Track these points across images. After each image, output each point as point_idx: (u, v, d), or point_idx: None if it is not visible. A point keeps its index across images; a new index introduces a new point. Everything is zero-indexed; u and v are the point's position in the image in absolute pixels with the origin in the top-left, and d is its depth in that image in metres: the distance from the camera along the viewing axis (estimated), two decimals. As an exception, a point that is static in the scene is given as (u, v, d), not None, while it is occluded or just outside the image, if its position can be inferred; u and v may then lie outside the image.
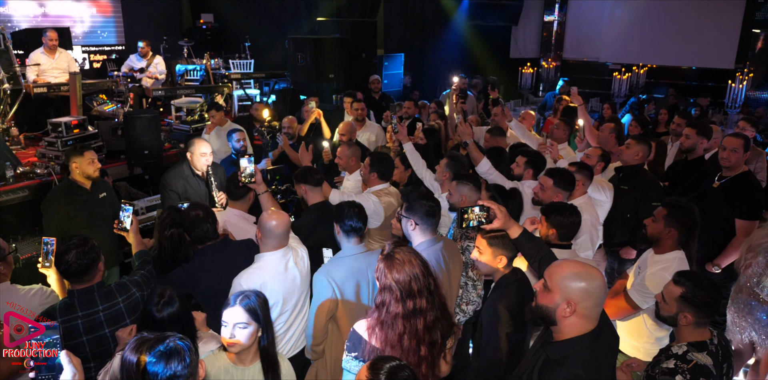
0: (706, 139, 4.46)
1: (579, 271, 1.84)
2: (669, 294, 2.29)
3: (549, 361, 1.86)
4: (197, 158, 4.21)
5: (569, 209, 2.93)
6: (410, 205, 2.80)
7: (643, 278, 2.74)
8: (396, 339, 2.10)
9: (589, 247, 3.45)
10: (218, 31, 10.57)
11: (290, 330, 2.86)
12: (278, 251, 2.75)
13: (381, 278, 2.15)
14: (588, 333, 1.84)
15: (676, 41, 11.63)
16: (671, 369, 2.16)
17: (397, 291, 2.11)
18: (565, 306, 1.82)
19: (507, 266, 2.60)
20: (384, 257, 2.17)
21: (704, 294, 2.22)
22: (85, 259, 2.42)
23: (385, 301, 2.13)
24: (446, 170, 3.88)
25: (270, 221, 2.70)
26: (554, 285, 1.85)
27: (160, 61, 8.34)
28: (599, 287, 1.82)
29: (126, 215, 3.02)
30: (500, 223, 2.30)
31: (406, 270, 2.12)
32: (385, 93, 8.17)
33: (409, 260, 2.15)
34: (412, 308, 2.11)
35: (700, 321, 2.25)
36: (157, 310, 2.11)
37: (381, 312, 2.13)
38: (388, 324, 2.11)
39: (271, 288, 2.67)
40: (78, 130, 5.68)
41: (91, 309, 2.44)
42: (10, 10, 8.60)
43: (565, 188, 3.39)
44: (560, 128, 5.16)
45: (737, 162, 3.80)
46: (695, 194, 4.00)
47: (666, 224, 2.76)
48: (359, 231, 2.81)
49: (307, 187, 3.53)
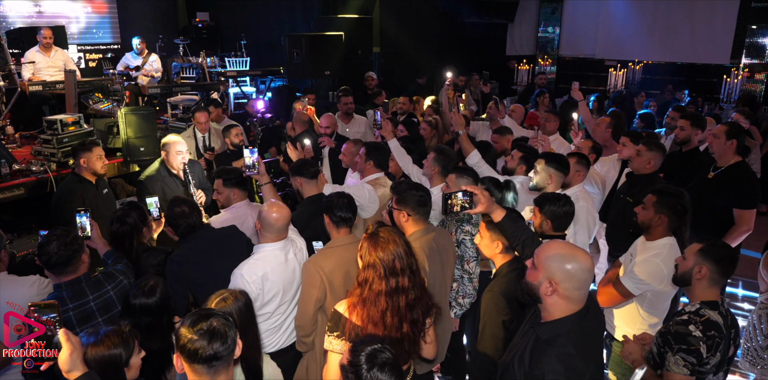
0: (701, 130, 4.49)
1: (565, 252, 1.87)
2: (689, 250, 2.36)
3: (540, 341, 1.88)
4: (173, 156, 4.20)
5: (563, 198, 2.94)
6: (401, 196, 2.81)
7: (635, 264, 2.75)
8: (378, 316, 2.14)
9: (585, 233, 3.46)
10: (214, 30, 10.54)
11: (287, 321, 2.86)
12: (279, 242, 2.77)
13: (365, 255, 2.19)
14: (575, 313, 1.87)
15: (671, 37, 11.65)
16: (685, 320, 2.23)
17: (381, 269, 2.15)
18: (548, 285, 1.85)
19: (506, 253, 2.61)
20: (369, 236, 2.21)
21: (722, 250, 2.31)
22: (67, 250, 2.42)
23: (368, 279, 2.17)
24: (434, 164, 3.88)
25: (271, 214, 2.72)
26: (539, 263, 1.89)
27: (155, 59, 8.33)
28: (583, 270, 1.85)
29: (83, 221, 2.93)
30: (483, 207, 2.34)
31: (391, 249, 2.16)
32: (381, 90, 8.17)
33: (394, 239, 2.20)
34: (395, 285, 2.16)
35: (715, 276, 2.28)
36: (133, 297, 2.15)
37: (363, 289, 2.16)
38: (370, 300, 2.15)
39: (272, 279, 2.69)
40: (73, 127, 5.67)
41: (81, 300, 2.44)
42: (4, 9, 8.58)
43: (557, 169, 3.41)
44: (550, 120, 5.18)
45: (720, 149, 3.81)
46: (691, 185, 4.02)
47: (656, 210, 2.78)
48: (348, 221, 2.83)
49: (303, 179, 3.54)
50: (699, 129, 4.45)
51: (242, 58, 8.95)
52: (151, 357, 2.12)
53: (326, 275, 2.68)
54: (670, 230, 2.80)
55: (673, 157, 4.65)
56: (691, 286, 2.34)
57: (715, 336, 2.19)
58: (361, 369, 1.67)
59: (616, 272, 3.00)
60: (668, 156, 4.81)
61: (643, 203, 2.85)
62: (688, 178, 4.22)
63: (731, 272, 2.36)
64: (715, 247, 2.32)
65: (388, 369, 1.68)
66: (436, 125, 5.77)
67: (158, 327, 2.19)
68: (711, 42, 11.23)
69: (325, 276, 2.67)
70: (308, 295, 2.68)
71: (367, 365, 1.67)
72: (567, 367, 1.77)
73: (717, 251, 2.30)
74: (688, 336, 2.18)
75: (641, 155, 3.82)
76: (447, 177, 3.53)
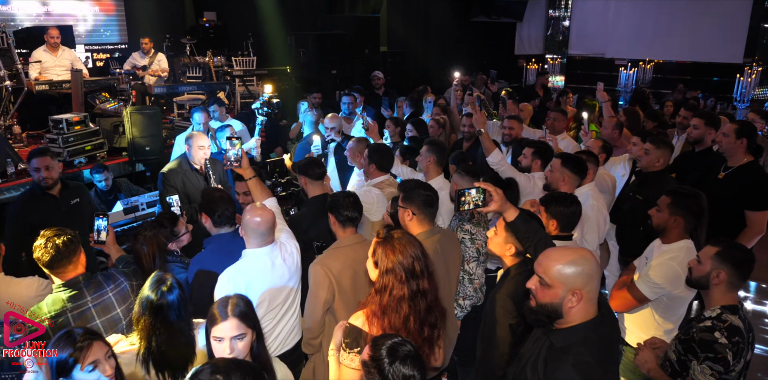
0: (714, 129, 4.37)
1: (573, 258, 1.79)
2: (704, 254, 2.29)
3: (554, 349, 1.80)
4: (195, 150, 4.18)
5: (569, 198, 2.86)
6: (407, 194, 2.74)
7: (650, 268, 2.66)
8: (401, 322, 2.06)
9: (595, 232, 3.39)
10: (221, 29, 10.54)
11: (277, 327, 2.75)
12: (264, 247, 2.62)
13: (382, 260, 2.10)
14: (591, 319, 1.79)
15: (682, 36, 11.50)
16: (709, 327, 2.16)
17: (402, 273, 2.07)
18: (571, 297, 1.76)
19: (516, 256, 2.54)
20: (383, 241, 2.12)
21: (740, 253, 2.24)
22: (67, 247, 2.38)
23: (387, 285, 2.08)
24: (429, 155, 3.84)
25: (253, 219, 2.55)
26: (553, 280, 1.78)
27: (162, 59, 8.33)
28: (596, 266, 1.79)
29: (101, 226, 2.87)
30: (496, 206, 2.26)
31: (408, 251, 2.09)
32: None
33: (409, 241, 2.13)
34: (416, 289, 2.09)
35: (733, 281, 2.23)
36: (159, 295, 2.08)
37: (383, 296, 2.08)
38: (392, 307, 2.06)
39: (256, 286, 2.57)
40: (79, 127, 5.67)
41: (79, 301, 2.40)
42: (13, 8, 8.61)
43: (573, 171, 3.34)
44: (558, 119, 5.10)
45: (730, 148, 3.71)
46: (704, 186, 3.92)
47: (671, 212, 2.69)
48: (354, 221, 2.76)
49: (308, 179, 3.47)
50: (713, 128, 4.32)
51: (249, 58, 8.92)
52: (178, 354, 2.10)
53: (335, 277, 2.61)
54: (686, 232, 2.72)
55: (686, 157, 4.55)
56: (709, 290, 2.27)
57: (740, 341, 2.13)
58: (383, 363, 1.62)
59: (630, 276, 2.91)
60: (681, 156, 4.72)
61: (657, 204, 2.76)
62: (702, 179, 4.12)
63: (749, 275, 2.29)
64: (732, 250, 2.25)
65: (411, 361, 1.63)
66: (444, 124, 5.70)
67: (185, 320, 2.15)
68: (723, 40, 11.06)
69: (334, 277, 2.60)
70: (316, 297, 2.61)
71: (389, 358, 1.62)
72: (584, 376, 1.69)
73: (735, 255, 2.23)
74: (714, 344, 2.11)
75: (649, 154, 3.73)
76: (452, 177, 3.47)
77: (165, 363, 2.10)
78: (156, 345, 2.08)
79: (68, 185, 3.73)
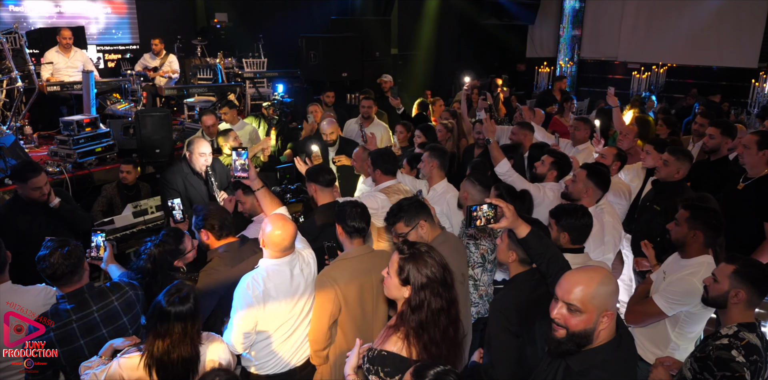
0: (731, 138, 4.30)
1: (599, 279, 1.74)
2: (721, 272, 2.25)
3: (571, 372, 1.75)
4: (196, 157, 4.14)
5: (580, 210, 2.81)
6: (407, 215, 2.75)
7: (669, 283, 2.61)
8: (440, 335, 2.03)
9: (611, 251, 3.34)
10: (232, 31, 10.55)
11: (293, 337, 2.70)
12: (284, 258, 2.59)
13: (414, 277, 2.03)
14: (608, 342, 1.75)
15: (696, 40, 11.34)
16: (726, 345, 2.12)
17: (437, 286, 2.03)
18: (603, 319, 1.73)
19: (521, 264, 2.50)
20: (409, 256, 2.06)
21: (758, 271, 2.20)
22: (72, 258, 2.36)
23: (423, 300, 2.02)
24: (431, 159, 3.83)
25: (275, 232, 2.50)
26: (586, 305, 1.71)
27: (173, 60, 8.33)
28: (614, 281, 1.78)
29: (98, 241, 2.80)
30: (508, 222, 2.22)
31: (437, 262, 2.06)
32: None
33: (435, 253, 2.10)
34: (449, 299, 2.07)
35: (752, 299, 2.19)
36: (168, 304, 2.07)
37: (421, 313, 2.02)
38: (432, 322, 2.02)
39: (274, 296, 2.55)
40: (90, 128, 5.68)
41: (84, 311, 2.38)
42: (25, 9, 8.67)
43: (597, 184, 3.30)
44: (579, 128, 5.02)
45: (752, 160, 3.65)
46: (719, 196, 3.85)
47: (690, 226, 2.63)
48: (362, 232, 2.73)
49: (318, 187, 3.44)
50: (729, 138, 4.26)
51: (260, 60, 8.93)
52: (181, 364, 2.09)
53: (341, 289, 2.58)
54: (706, 246, 2.66)
55: (701, 166, 4.47)
56: (727, 309, 2.23)
57: (757, 360, 2.08)
58: None
59: (646, 288, 2.85)
60: (696, 165, 4.64)
61: (676, 219, 2.71)
62: (717, 188, 4.05)
63: (767, 293, 2.24)
64: (750, 268, 2.21)
65: None
66: (452, 128, 5.64)
67: (189, 334, 2.12)
68: (738, 45, 10.90)
69: (340, 290, 2.58)
70: (322, 309, 2.58)
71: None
72: None
73: (753, 273, 2.18)
74: (732, 362, 2.06)
75: (668, 165, 3.65)
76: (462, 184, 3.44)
77: (167, 370, 2.08)
78: (160, 351, 2.07)
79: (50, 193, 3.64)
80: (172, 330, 2.08)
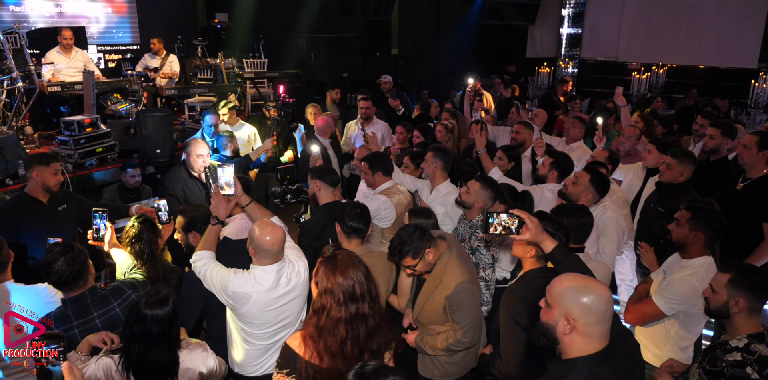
0: (731, 139, 4.32)
1: (578, 284, 1.73)
2: (717, 282, 2.23)
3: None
4: (194, 159, 4.14)
5: (581, 210, 2.83)
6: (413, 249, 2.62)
7: (669, 283, 2.61)
8: (337, 346, 1.99)
9: (613, 244, 3.36)
10: (233, 31, 10.55)
11: (275, 345, 2.64)
12: (272, 266, 2.53)
13: (322, 280, 2.04)
14: (593, 354, 1.70)
15: (696, 40, 11.36)
16: (740, 361, 2.09)
17: (340, 295, 2.00)
18: (565, 323, 1.70)
19: (537, 261, 2.50)
20: (325, 260, 2.07)
21: (753, 277, 2.17)
22: (76, 264, 2.36)
23: (325, 305, 2.01)
24: (435, 160, 3.86)
25: (264, 237, 2.44)
26: (552, 300, 1.75)
27: (174, 60, 8.33)
28: (601, 302, 1.69)
29: (101, 223, 2.74)
30: (531, 235, 2.12)
31: (350, 273, 2.02)
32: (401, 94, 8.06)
33: (352, 262, 2.05)
34: (355, 312, 2.01)
35: (753, 306, 2.16)
36: (145, 305, 2.06)
37: (320, 317, 2.00)
38: (328, 329, 1.99)
39: (258, 303, 2.51)
40: (90, 129, 5.68)
41: (86, 317, 2.38)
42: (26, 9, 8.67)
43: (597, 190, 3.32)
44: (575, 126, 5.04)
45: (752, 160, 3.67)
46: (719, 196, 3.86)
47: (691, 227, 2.64)
48: (360, 232, 2.75)
49: (322, 184, 3.46)
50: (729, 138, 4.28)
51: (260, 60, 8.93)
52: (157, 369, 2.08)
53: None
54: (707, 247, 2.66)
55: (701, 166, 4.47)
56: (731, 319, 2.20)
57: None
58: None
59: (646, 288, 2.86)
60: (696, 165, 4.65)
61: (677, 219, 2.71)
62: (716, 188, 4.06)
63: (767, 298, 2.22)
64: (745, 274, 2.18)
65: None
66: (452, 129, 5.65)
67: (167, 338, 2.11)
68: (738, 45, 10.92)
69: None
70: None
71: None
72: None
73: (749, 280, 2.16)
74: None
75: (672, 169, 3.62)
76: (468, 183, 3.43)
77: (143, 374, 2.08)
78: (136, 354, 2.06)
79: (56, 193, 3.66)
80: (149, 333, 2.07)
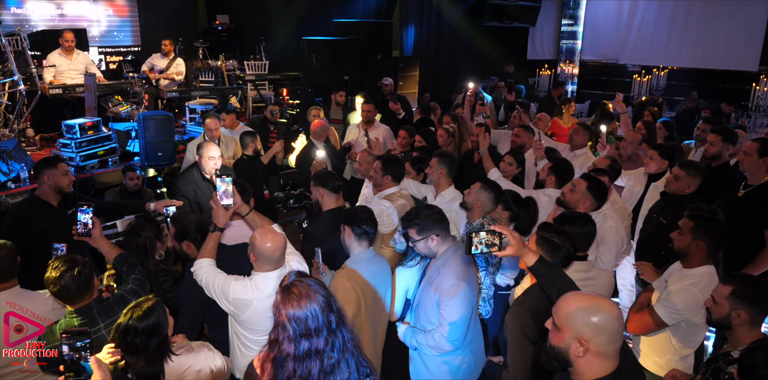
0: (732, 145, 4.32)
1: (586, 304, 1.68)
2: (719, 294, 2.23)
3: None
4: (205, 161, 4.20)
5: (584, 218, 2.83)
6: (421, 225, 2.67)
7: (670, 293, 2.61)
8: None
9: (612, 253, 3.36)
10: (234, 33, 10.55)
11: None
12: (273, 272, 2.55)
13: (275, 313, 1.89)
14: (608, 375, 1.68)
15: (697, 43, 11.36)
16: None
17: (290, 330, 1.84)
18: (578, 345, 1.65)
19: None
20: (281, 290, 1.91)
21: (755, 289, 2.17)
22: (81, 278, 2.35)
23: (277, 338, 1.87)
24: (440, 167, 3.86)
25: (265, 245, 2.45)
26: (562, 323, 1.69)
27: (180, 63, 8.23)
28: (612, 319, 1.65)
29: (85, 217, 2.72)
30: (513, 250, 2.13)
31: (303, 305, 1.84)
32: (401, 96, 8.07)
33: (308, 294, 1.86)
34: (307, 349, 1.84)
35: (755, 318, 2.17)
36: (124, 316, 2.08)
37: (271, 349, 1.89)
38: (278, 362, 1.87)
39: (258, 310, 2.51)
40: (92, 131, 5.68)
41: (92, 328, 2.36)
42: (27, 11, 8.68)
43: (595, 197, 3.31)
44: (579, 132, 5.03)
45: (752, 167, 3.66)
46: (720, 203, 3.86)
47: (693, 236, 2.63)
48: (371, 235, 2.79)
49: (325, 191, 3.45)
50: (730, 144, 4.28)
51: (261, 62, 8.93)
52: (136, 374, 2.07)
53: (361, 290, 2.67)
54: (709, 257, 2.66)
55: (702, 172, 4.49)
56: (733, 330, 2.21)
57: None
58: None
59: (648, 297, 2.86)
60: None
61: (680, 227, 2.71)
62: (718, 194, 4.06)
63: None
64: (747, 287, 2.18)
65: None
66: (453, 133, 5.65)
67: (145, 350, 2.10)
68: (739, 48, 10.92)
69: (361, 291, 2.66)
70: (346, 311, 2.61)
71: None
72: None
73: (750, 292, 2.16)
74: None
75: (680, 180, 3.61)
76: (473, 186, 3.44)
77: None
78: (122, 365, 2.07)
79: (67, 197, 3.69)
80: (134, 345, 2.07)
